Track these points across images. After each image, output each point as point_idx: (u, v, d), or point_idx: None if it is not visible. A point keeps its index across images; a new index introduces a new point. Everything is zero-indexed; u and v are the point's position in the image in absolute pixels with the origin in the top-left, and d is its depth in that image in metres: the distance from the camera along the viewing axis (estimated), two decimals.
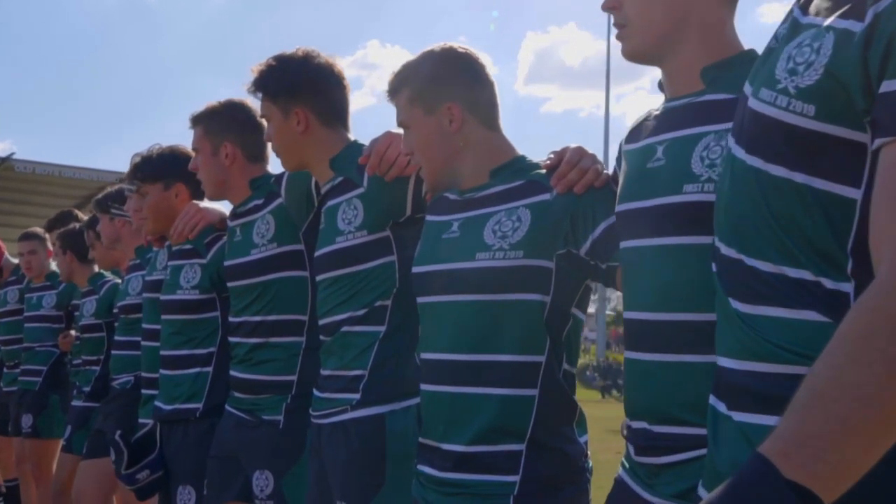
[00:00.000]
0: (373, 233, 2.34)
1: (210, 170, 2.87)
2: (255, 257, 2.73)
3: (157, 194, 3.21)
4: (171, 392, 3.04)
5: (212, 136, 2.86)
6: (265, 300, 2.71)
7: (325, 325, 2.44)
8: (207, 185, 2.88)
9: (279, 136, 2.50)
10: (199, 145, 2.88)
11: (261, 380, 2.72)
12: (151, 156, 3.21)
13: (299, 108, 2.47)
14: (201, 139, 2.88)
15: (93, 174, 14.71)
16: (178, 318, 3.05)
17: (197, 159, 2.90)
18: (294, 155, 2.50)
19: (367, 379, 2.32)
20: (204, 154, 2.87)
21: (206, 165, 2.87)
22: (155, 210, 3.20)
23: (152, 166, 3.20)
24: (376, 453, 2.28)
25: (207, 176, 2.87)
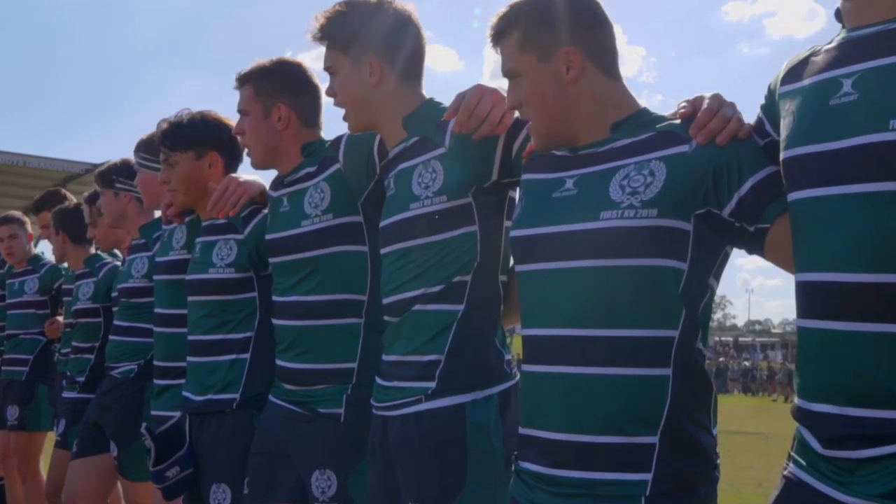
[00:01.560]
0: (453, 199, 2.07)
1: (260, 134, 2.57)
2: (308, 229, 2.45)
3: (189, 164, 2.89)
4: (204, 381, 2.75)
5: (264, 96, 2.56)
6: (318, 278, 2.44)
7: (391, 304, 2.17)
8: (255, 151, 2.59)
9: (349, 89, 2.22)
10: (248, 107, 2.58)
11: (315, 368, 2.44)
12: (181, 121, 2.89)
13: (373, 58, 2.19)
14: (251, 100, 2.58)
15: (58, 164, 14.32)
16: (211, 300, 2.76)
17: (243, 122, 2.60)
18: (365, 111, 2.23)
19: (443, 365, 2.06)
20: (253, 117, 2.57)
21: (255, 129, 2.57)
22: (186, 181, 2.89)
23: (183, 133, 2.88)
24: (456, 449, 2.02)
25: (256, 141, 2.58)
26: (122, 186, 3.70)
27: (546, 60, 1.78)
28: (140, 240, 3.65)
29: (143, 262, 3.53)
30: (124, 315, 3.61)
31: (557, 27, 1.77)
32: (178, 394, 3.02)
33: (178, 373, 3.05)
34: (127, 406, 3.48)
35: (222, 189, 2.71)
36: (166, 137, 2.87)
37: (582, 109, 1.78)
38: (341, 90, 2.23)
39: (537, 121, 1.82)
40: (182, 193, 2.88)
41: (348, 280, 2.43)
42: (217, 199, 2.70)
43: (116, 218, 3.75)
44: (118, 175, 3.71)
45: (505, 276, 2.13)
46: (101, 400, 3.63)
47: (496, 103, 1.99)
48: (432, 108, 2.19)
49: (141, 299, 3.50)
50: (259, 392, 2.69)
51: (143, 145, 3.31)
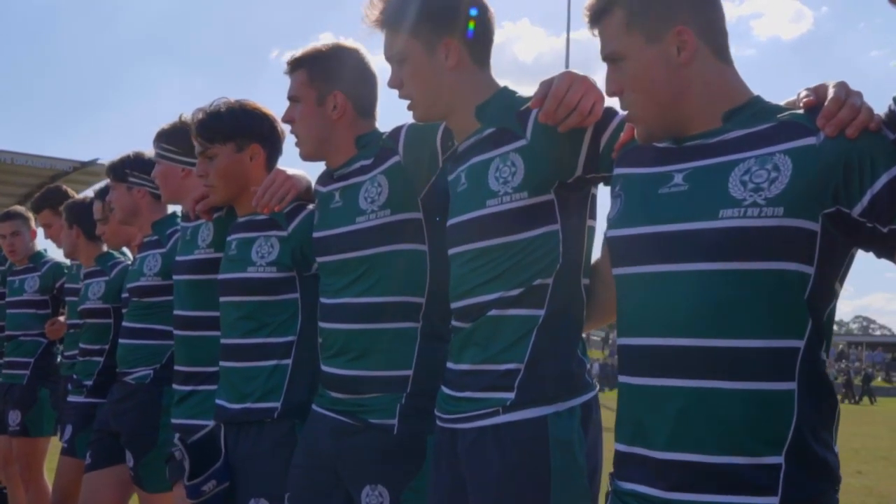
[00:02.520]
0: (535, 195, 1.91)
1: (312, 123, 2.39)
2: (363, 226, 2.28)
3: (229, 157, 2.70)
4: (241, 388, 2.57)
5: (319, 82, 2.38)
6: (373, 278, 2.27)
7: (462, 309, 2.01)
8: (306, 142, 2.41)
9: (422, 75, 2.03)
10: (301, 93, 2.40)
11: (367, 376, 2.27)
12: (220, 111, 2.69)
13: (449, 40, 2.02)
14: (304, 86, 2.40)
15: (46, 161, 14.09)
16: (250, 301, 2.58)
17: (293, 110, 2.41)
18: (438, 99, 2.05)
19: (522, 374, 1.90)
20: (306, 104, 2.39)
21: (307, 118, 2.39)
22: (226, 175, 2.69)
23: (223, 123, 2.69)
24: (539, 466, 1.86)
25: (308, 130, 2.40)
26: (136, 180, 3.50)
27: (655, 41, 1.62)
28: (152, 236, 3.46)
29: (156, 260, 3.34)
30: (136, 316, 3.41)
31: (669, 4, 1.62)
32: (202, 401, 2.85)
33: (201, 378, 2.88)
34: (143, 413, 3.29)
35: (269, 182, 2.54)
36: (204, 128, 2.68)
37: (692, 96, 1.63)
38: (413, 77, 2.05)
39: (643, 108, 1.66)
40: (222, 188, 2.69)
41: (406, 281, 2.26)
42: (263, 194, 2.52)
43: (129, 214, 3.53)
44: (132, 168, 3.50)
45: (587, 279, 1.98)
46: (115, 408, 3.41)
47: (586, 91, 1.83)
48: (509, 97, 2.03)
49: (154, 298, 3.32)
50: (302, 400, 2.52)
51: (164, 136, 3.11)
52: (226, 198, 2.71)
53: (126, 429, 3.32)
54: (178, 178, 3.07)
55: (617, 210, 1.73)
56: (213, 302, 2.85)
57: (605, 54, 1.67)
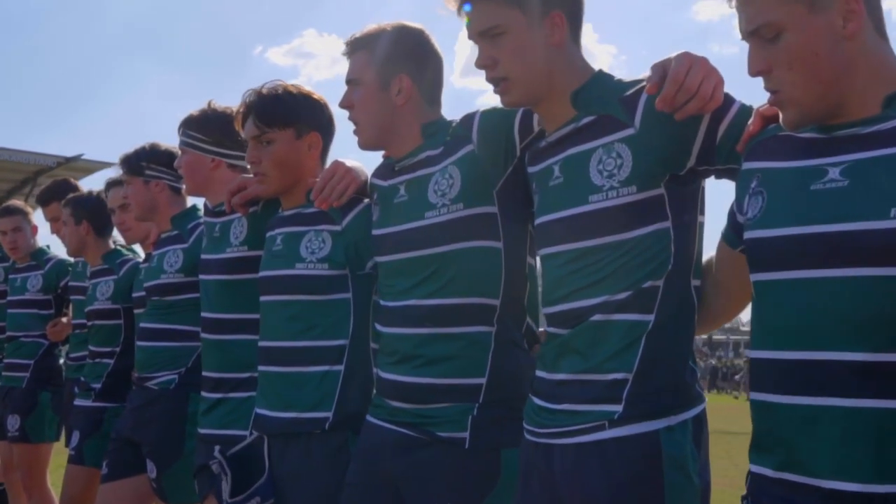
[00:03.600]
0: (644, 189, 1.73)
1: (374, 109, 2.18)
2: (433, 221, 2.09)
3: (288, 143, 2.46)
4: (287, 396, 2.36)
5: (383, 65, 2.17)
6: (443, 278, 2.07)
7: (559, 314, 1.83)
8: (367, 129, 2.20)
9: (525, 51, 1.82)
10: (362, 76, 2.19)
11: (436, 384, 2.07)
12: (280, 93, 2.46)
13: (558, 13, 1.82)
14: (366, 69, 2.18)
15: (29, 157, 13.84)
16: (298, 300, 2.37)
17: (353, 94, 2.20)
18: (541, 80, 1.83)
19: (632, 385, 1.72)
20: (368, 88, 2.18)
21: (369, 103, 2.18)
22: (282, 163, 2.46)
23: (284, 107, 2.46)
24: (651, 486, 1.68)
25: (369, 116, 2.19)
26: (154, 173, 3.26)
27: (820, 10, 1.42)
28: (171, 231, 3.23)
29: (177, 256, 3.11)
30: (156, 316, 3.18)
31: None
32: (233, 409, 2.65)
33: (232, 385, 2.67)
34: (168, 422, 3.06)
35: (329, 175, 2.33)
36: (264, 110, 2.44)
37: (856, 75, 1.44)
38: (514, 54, 1.82)
39: (803, 88, 1.45)
40: (276, 177, 2.46)
41: (479, 281, 2.07)
42: (323, 187, 2.31)
43: (147, 209, 3.29)
44: (148, 161, 3.26)
45: (698, 281, 1.80)
46: (136, 415, 3.18)
47: (707, 74, 1.64)
48: (608, 81, 1.84)
49: (176, 297, 3.10)
50: (355, 410, 2.32)
51: (192, 123, 2.86)
52: (278, 188, 2.48)
53: (149, 438, 3.09)
54: (206, 168, 2.85)
55: (759, 209, 1.53)
56: (247, 303, 2.65)
57: (756, 26, 1.47)
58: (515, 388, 2.08)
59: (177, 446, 3.01)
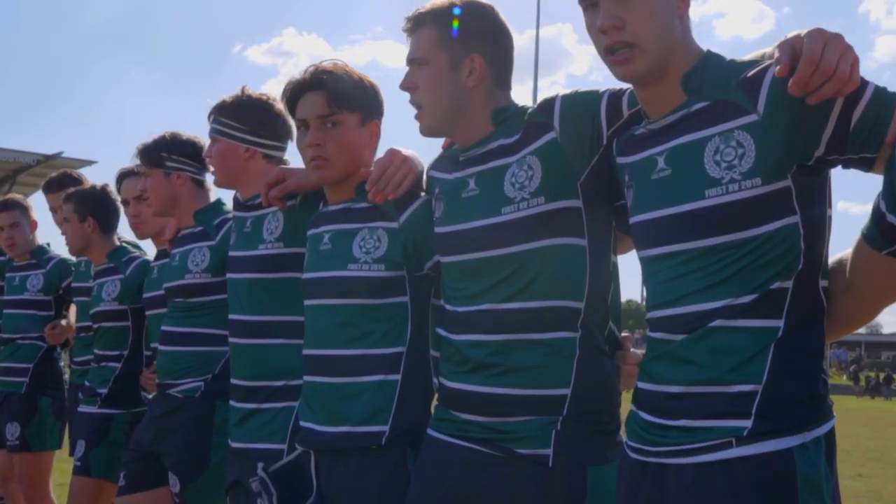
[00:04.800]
0: (769, 182, 1.54)
1: (442, 91, 1.97)
2: (510, 217, 1.89)
3: (355, 128, 2.24)
4: (338, 408, 2.15)
5: (453, 43, 1.96)
6: (523, 280, 1.88)
7: (670, 318, 1.64)
8: (433, 113, 1.99)
9: (656, 18, 1.62)
10: (430, 55, 1.98)
11: (515, 395, 1.88)
12: (347, 72, 2.23)
13: None
14: (434, 47, 1.97)
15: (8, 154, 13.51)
16: (349, 304, 2.16)
17: (417, 75, 1.99)
18: (664, 55, 1.63)
19: (761, 397, 1.53)
20: (435, 68, 1.97)
21: (437, 84, 1.97)
22: (348, 148, 2.23)
23: (356, 88, 2.23)
24: None
25: (436, 99, 1.97)
26: (175, 165, 3.03)
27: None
28: (195, 227, 3.01)
29: (203, 254, 2.89)
30: (180, 319, 2.95)
31: None
32: (268, 421, 2.44)
33: (266, 394, 2.46)
34: (192, 432, 2.84)
35: (385, 163, 2.12)
36: (337, 87, 2.20)
37: None
38: (645, 19, 1.61)
39: None
40: (339, 163, 2.22)
41: (563, 282, 1.88)
42: (378, 177, 2.10)
43: (167, 203, 3.05)
44: (169, 151, 3.02)
45: (825, 282, 1.61)
46: (158, 424, 2.95)
47: (843, 53, 1.46)
48: (721, 62, 1.65)
49: (202, 298, 2.87)
50: (414, 424, 2.12)
51: (226, 109, 2.63)
52: (339, 176, 2.24)
53: (171, 449, 2.87)
54: (240, 158, 2.62)
55: None
56: (283, 304, 2.45)
57: None
58: (601, 399, 1.91)
59: (202, 458, 2.79)
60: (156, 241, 3.52)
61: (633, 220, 1.73)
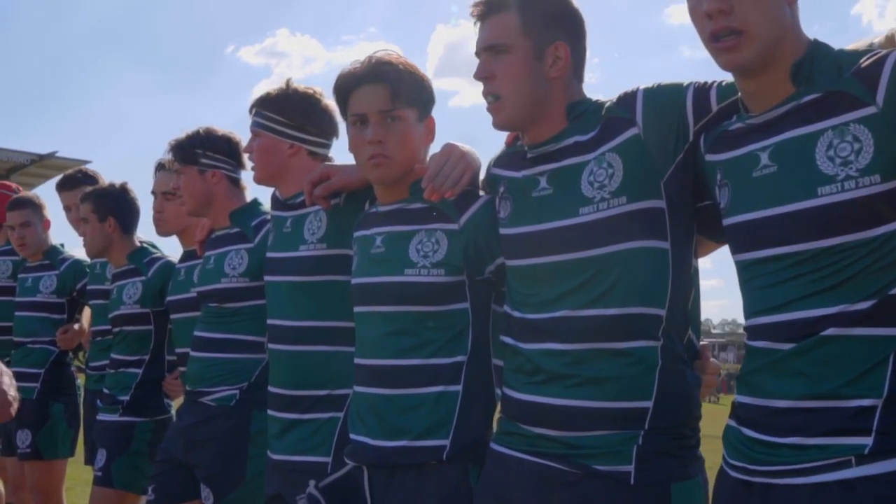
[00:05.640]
0: (890, 178, 1.44)
1: (525, 81, 1.83)
2: (589, 219, 1.77)
3: (412, 124, 2.11)
4: (394, 422, 2.03)
5: (539, 29, 1.83)
6: (602, 285, 1.76)
7: (775, 326, 1.53)
8: (514, 105, 1.85)
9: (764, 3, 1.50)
10: (512, 42, 1.84)
11: (593, 408, 1.76)
12: (408, 64, 2.11)
13: None
14: (517, 33, 1.83)
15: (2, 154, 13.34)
16: (406, 311, 2.04)
17: (496, 63, 1.85)
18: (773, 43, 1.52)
19: (881, 412, 1.43)
20: (518, 56, 1.83)
21: (520, 74, 1.83)
22: (406, 144, 2.11)
23: (417, 82, 2.10)
24: None
25: (518, 89, 1.83)
26: (210, 162, 2.90)
27: None
28: (231, 228, 2.87)
29: (241, 257, 2.75)
30: (214, 325, 2.81)
31: None
32: (312, 433, 2.32)
33: (309, 404, 2.33)
34: (227, 442, 2.70)
35: (442, 159, 1.99)
36: (400, 80, 2.08)
37: None
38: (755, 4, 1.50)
39: None
40: (400, 160, 2.09)
41: (645, 288, 1.76)
42: (436, 173, 1.98)
43: (202, 202, 2.91)
44: (204, 147, 2.89)
45: None
46: (190, 434, 2.82)
47: None
48: (830, 53, 1.54)
49: (240, 303, 2.74)
50: (476, 437, 2.01)
51: (269, 103, 2.50)
52: (398, 174, 2.11)
53: (205, 460, 2.73)
54: (283, 155, 2.49)
55: None
56: (326, 309, 2.33)
57: None
58: (684, 412, 1.80)
59: (237, 470, 2.66)
60: (183, 241, 3.36)
61: (730, 221, 1.61)
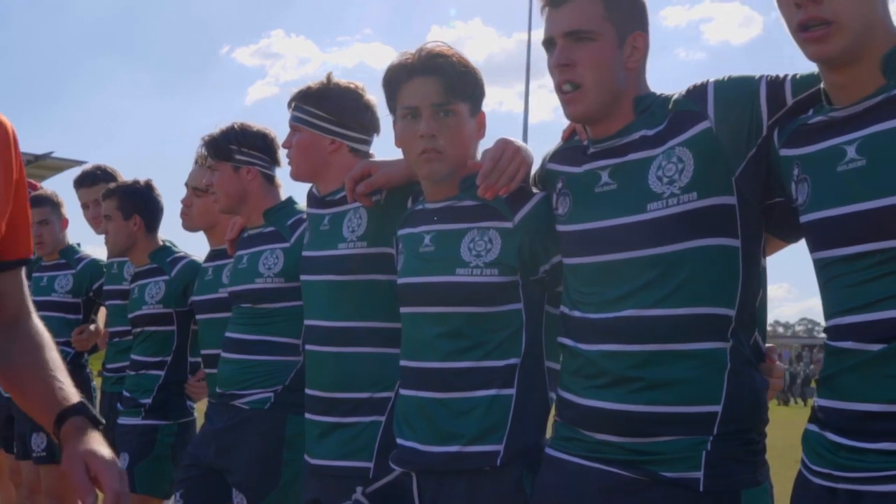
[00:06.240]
0: None
1: (609, 70, 1.76)
2: (658, 214, 1.71)
3: (464, 119, 2.03)
4: (445, 426, 1.96)
5: (620, 17, 1.76)
6: (672, 283, 1.70)
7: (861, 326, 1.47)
8: (596, 94, 1.76)
9: None
10: (596, 28, 1.75)
11: (661, 413, 1.70)
12: (462, 56, 2.02)
13: None
14: (602, 19, 1.75)
15: None
16: (458, 312, 1.97)
17: (579, 50, 1.76)
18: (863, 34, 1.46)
19: None
20: (603, 43, 1.75)
21: (603, 62, 1.75)
22: (460, 140, 2.03)
23: (471, 75, 2.03)
24: None
25: (602, 78, 1.75)
26: (245, 158, 2.82)
27: None
28: (265, 227, 2.80)
29: (276, 257, 2.68)
30: (247, 326, 2.73)
31: None
32: (352, 437, 2.25)
33: (349, 407, 2.26)
34: (261, 446, 2.63)
35: (497, 154, 1.92)
36: (455, 72, 1.99)
37: None
38: None
39: None
40: (454, 157, 2.02)
41: (715, 287, 1.70)
42: (490, 170, 1.91)
43: (236, 200, 2.83)
44: (239, 143, 2.81)
45: None
46: (221, 438, 2.74)
47: None
48: None
49: (274, 304, 2.67)
50: (531, 442, 1.94)
51: (311, 97, 2.42)
52: (450, 170, 2.03)
53: (238, 465, 2.65)
54: (324, 151, 2.41)
55: None
56: (366, 309, 2.27)
57: None
58: (753, 416, 1.74)
59: (272, 476, 2.59)
60: (211, 239, 3.27)
61: (811, 218, 1.55)
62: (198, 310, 3.17)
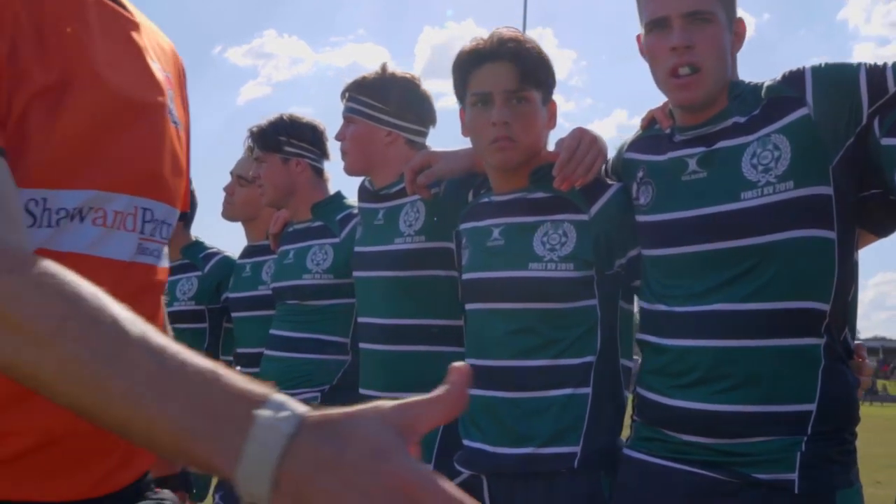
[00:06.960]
0: None
1: (724, 52, 1.69)
2: (752, 203, 1.65)
3: (537, 108, 1.96)
4: (518, 427, 1.89)
5: (729, 1, 1.71)
6: (765, 276, 1.63)
7: None
8: (714, 78, 1.68)
9: None
10: (713, 9, 1.68)
11: (753, 412, 1.64)
12: (527, 45, 1.94)
13: None
14: (718, 1, 1.68)
15: None
16: (530, 309, 1.90)
17: (698, 31, 1.67)
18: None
19: None
20: (719, 26, 1.68)
21: (721, 44, 1.68)
22: (533, 129, 1.95)
23: (545, 63, 1.96)
24: None
25: (719, 62, 1.68)
26: (294, 150, 2.75)
27: None
28: (313, 221, 2.73)
29: (325, 253, 2.61)
30: (293, 323, 2.66)
31: None
32: None
33: None
34: None
35: (574, 143, 1.86)
36: (529, 58, 1.92)
37: None
38: None
39: None
40: (526, 146, 1.94)
41: (809, 280, 1.64)
42: (567, 160, 1.84)
43: (283, 192, 2.76)
44: (289, 135, 2.74)
45: None
46: None
47: None
48: None
49: (321, 301, 2.60)
50: (609, 443, 1.88)
51: (366, 88, 2.36)
52: (522, 159, 1.95)
53: None
54: (380, 143, 2.34)
55: None
56: (425, 307, 2.21)
57: None
58: (846, 414, 1.68)
59: None
60: (249, 234, 3.19)
61: None
62: (234, 307, 3.10)
